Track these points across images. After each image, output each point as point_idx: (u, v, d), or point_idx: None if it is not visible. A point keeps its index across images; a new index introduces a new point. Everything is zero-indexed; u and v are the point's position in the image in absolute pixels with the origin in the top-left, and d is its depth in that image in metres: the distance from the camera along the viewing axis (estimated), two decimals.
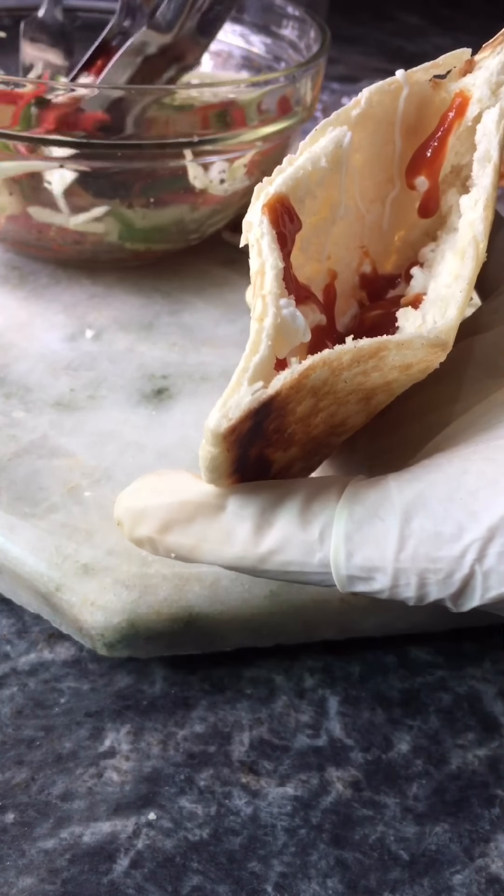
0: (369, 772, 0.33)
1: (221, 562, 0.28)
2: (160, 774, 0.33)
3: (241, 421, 0.25)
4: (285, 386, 0.25)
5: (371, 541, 0.27)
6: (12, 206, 0.48)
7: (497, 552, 0.26)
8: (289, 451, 0.29)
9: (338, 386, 0.27)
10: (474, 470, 0.28)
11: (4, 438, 0.40)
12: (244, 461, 0.27)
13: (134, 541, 0.29)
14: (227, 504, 0.28)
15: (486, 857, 0.31)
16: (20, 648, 0.37)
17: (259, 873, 0.30)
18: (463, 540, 0.27)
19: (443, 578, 0.27)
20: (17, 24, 0.56)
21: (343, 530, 0.27)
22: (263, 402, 0.25)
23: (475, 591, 0.27)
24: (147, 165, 0.46)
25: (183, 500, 0.28)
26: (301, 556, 0.28)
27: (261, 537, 0.28)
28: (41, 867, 0.30)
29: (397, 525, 0.27)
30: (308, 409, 0.28)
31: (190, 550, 0.28)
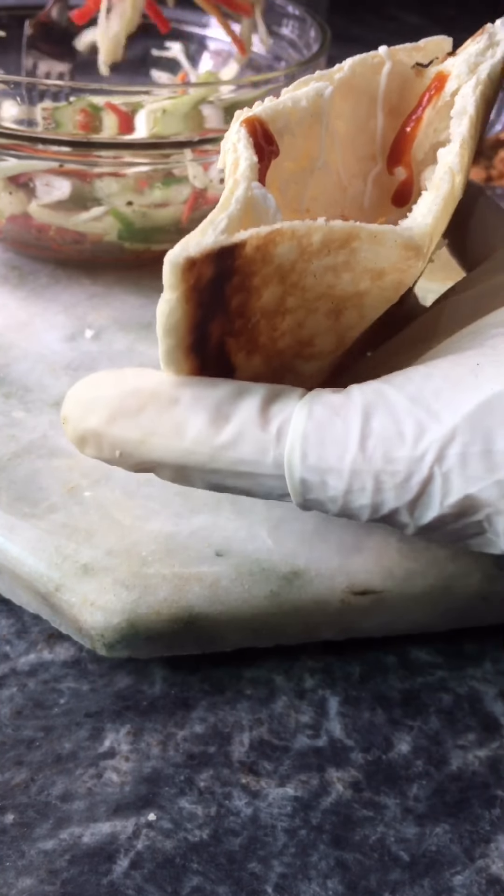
0: (369, 772, 0.33)
1: (170, 457, 0.26)
2: (160, 775, 0.33)
3: (202, 260, 0.24)
4: (251, 242, 0.25)
5: (329, 440, 0.26)
6: (12, 206, 0.48)
7: (458, 453, 0.25)
8: (252, 360, 0.28)
9: (307, 280, 0.27)
10: (439, 374, 0.27)
11: (4, 438, 0.40)
12: (203, 341, 0.26)
13: (78, 437, 0.28)
14: (182, 395, 0.26)
15: (486, 858, 0.31)
16: (20, 649, 0.36)
17: (259, 874, 0.30)
18: (423, 441, 0.25)
19: (400, 482, 0.26)
20: (17, 24, 0.56)
21: (301, 428, 0.26)
22: (227, 247, 0.24)
23: (434, 497, 0.26)
24: (147, 165, 0.46)
25: (135, 387, 0.27)
26: (255, 453, 0.26)
27: (215, 431, 0.26)
28: (41, 868, 0.30)
29: (357, 424, 0.26)
30: (275, 299, 0.27)
31: (137, 444, 0.27)
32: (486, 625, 0.38)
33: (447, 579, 0.36)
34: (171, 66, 0.61)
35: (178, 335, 0.26)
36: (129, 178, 0.47)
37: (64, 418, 0.28)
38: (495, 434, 0.25)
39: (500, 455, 0.25)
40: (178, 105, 0.45)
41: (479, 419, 0.25)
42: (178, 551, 0.35)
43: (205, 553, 0.35)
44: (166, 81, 0.61)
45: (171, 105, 0.45)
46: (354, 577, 0.35)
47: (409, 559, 0.36)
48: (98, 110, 0.45)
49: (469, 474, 0.25)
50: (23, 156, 0.45)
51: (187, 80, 0.60)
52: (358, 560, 0.36)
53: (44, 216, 0.48)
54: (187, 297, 0.25)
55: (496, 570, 0.36)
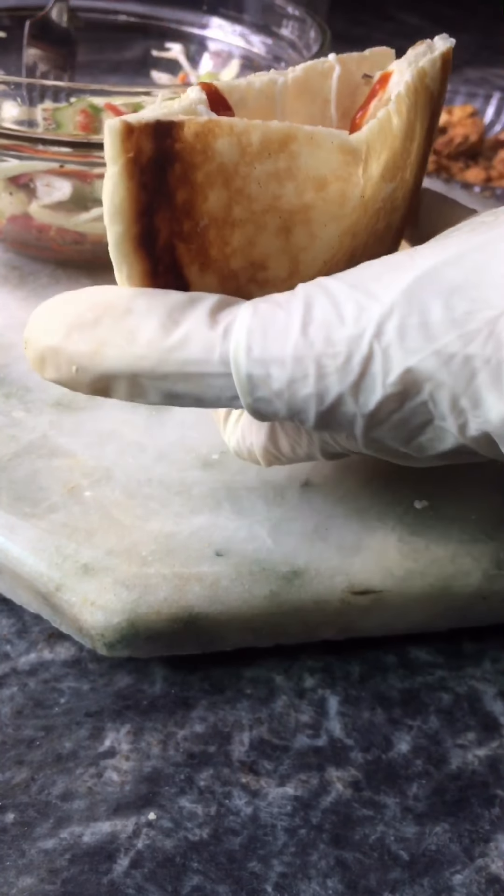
0: (369, 772, 0.33)
1: (121, 365, 0.27)
2: (160, 774, 0.33)
3: (141, 130, 0.25)
4: (190, 126, 0.26)
5: (271, 331, 0.26)
6: (13, 206, 0.48)
7: (396, 326, 0.26)
8: (206, 277, 0.29)
9: (251, 188, 0.27)
10: (378, 263, 0.27)
11: (4, 438, 0.40)
12: (151, 236, 0.27)
13: (38, 357, 0.29)
14: (136, 305, 0.27)
15: (486, 857, 0.31)
16: (20, 648, 0.37)
17: (259, 873, 0.30)
18: (362, 319, 0.26)
19: (342, 363, 0.26)
20: (17, 24, 0.56)
21: (246, 324, 0.27)
22: (164, 122, 0.25)
23: (376, 377, 0.26)
24: None
25: (91, 302, 0.28)
26: (202, 352, 0.27)
27: (164, 334, 0.27)
28: (41, 867, 0.30)
29: (299, 313, 0.26)
30: (221, 205, 0.27)
31: (91, 356, 0.27)
32: (485, 625, 0.38)
33: (447, 579, 0.36)
34: (172, 67, 0.62)
35: (125, 219, 0.26)
36: None
37: (25, 342, 0.29)
38: (430, 305, 0.26)
39: (436, 326, 0.26)
40: None
41: (415, 293, 0.26)
42: (178, 551, 0.36)
43: (205, 553, 0.35)
44: (166, 82, 0.61)
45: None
46: (354, 576, 0.35)
47: (408, 559, 0.36)
48: (98, 111, 0.45)
49: (408, 346, 0.26)
50: (23, 156, 0.45)
51: (188, 81, 0.60)
52: (358, 560, 0.36)
53: (44, 217, 0.48)
54: (129, 173, 0.25)
55: (495, 570, 0.36)
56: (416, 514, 0.38)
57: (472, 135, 0.71)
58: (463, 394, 0.26)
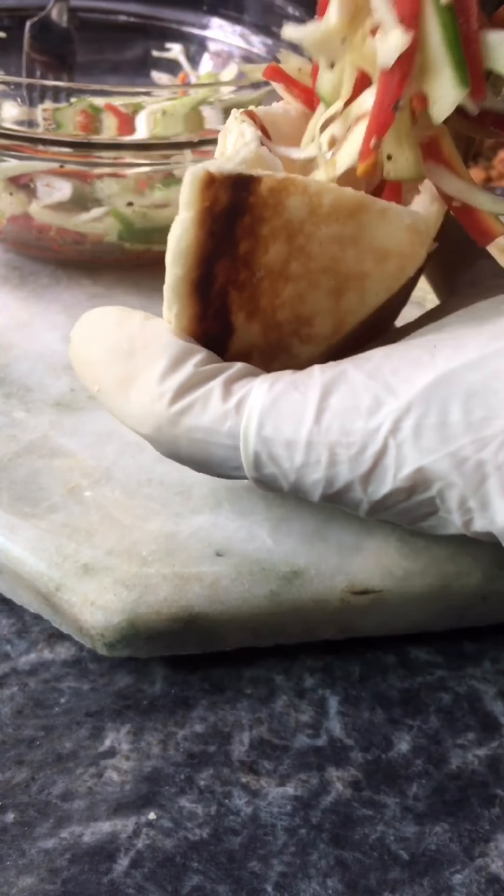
0: (369, 771, 0.33)
1: (136, 408, 0.28)
2: (160, 774, 0.33)
3: (221, 182, 0.25)
4: (267, 182, 0.26)
5: (286, 413, 0.27)
6: (13, 206, 0.48)
7: (412, 425, 0.26)
8: (251, 325, 0.29)
9: (312, 247, 0.27)
10: (397, 354, 0.27)
11: (4, 438, 0.40)
12: (208, 282, 0.27)
13: (72, 356, 0.30)
14: (168, 354, 0.28)
15: (485, 857, 0.31)
16: (20, 648, 0.37)
17: (259, 873, 0.30)
18: (379, 413, 0.26)
19: (355, 454, 0.26)
20: (17, 24, 0.56)
21: (260, 401, 0.27)
22: (245, 177, 0.26)
23: (388, 470, 0.26)
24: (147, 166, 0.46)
25: (132, 333, 0.28)
26: (211, 421, 0.27)
27: (181, 396, 0.27)
28: (41, 867, 0.30)
29: (315, 398, 0.27)
30: (280, 258, 0.27)
31: (113, 386, 0.28)
32: (485, 624, 0.38)
33: (447, 579, 0.36)
34: (172, 67, 0.62)
35: (187, 263, 0.27)
36: (129, 178, 0.47)
37: (71, 337, 0.30)
38: (449, 407, 0.26)
39: (453, 427, 0.26)
40: (178, 106, 0.45)
41: (434, 393, 0.26)
42: (178, 551, 0.36)
43: (205, 553, 0.35)
44: (167, 83, 0.61)
45: (172, 106, 0.45)
46: (354, 576, 0.35)
47: (408, 559, 0.36)
48: (98, 111, 0.45)
49: (423, 445, 0.26)
50: (23, 156, 0.45)
51: (188, 81, 0.60)
52: (357, 560, 0.36)
53: (44, 217, 0.48)
54: (201, 221, 0.26)
55: (496, 570, 0.36)
56: None
57: None
58: (472, 496, 0.26)
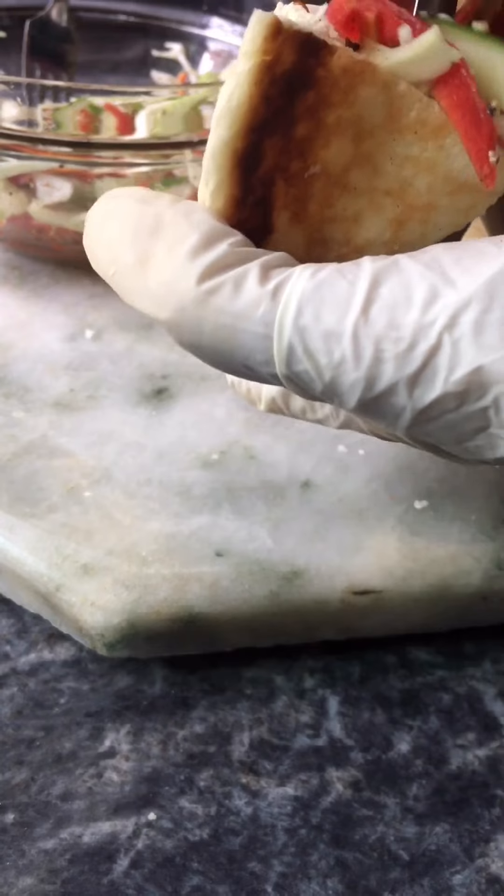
0: (369, 772, 0.33)
1: (156, 289, 0.25)
2: (160, 774, 0.33)
3: (288, 37, 0.22)
4: (342, 56, 0.23)
5: (329, 300, 0.23)
6: (13, 206, 0.48)
7: (472, 320, 0.23)
8: (293, 230, 0.26)
9: (382, 160, 0.24)
10: (460, 247, 0.24)
11: (4, 438, 0.40)
12: (255, 161, 0.24)
13: (86, 244, 0.26)
14: (200, 231, 0.25)
15: (486, 858, 0.31)
16: (20, 648, 0.36)
17: (259, 873, 0.30)
18: (435, 306, 0.23)
19: (404, 350, 0.23)
20: (17, 24, 0.56)
21: (300, 287, 0.24)
22: (317, 40, 0.22)
23: (439, 370, 0.23)
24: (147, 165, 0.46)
25: (159, 208, 0.25)
26: (244, 304, 0.24)
27: (210, 275, 0.24)
28: (41, 867, 0.30)
29: (364, 287, 0.23)
30: (342, 159, 0.24)
31: (132, 267, 0.25)
32: (485, 625, 0.38)
33: (447, 579, 0.36)
34: (172, 66, 0.62)
35: (235, 126, 0.24)
36: (129, 178, 0.47)
37: (87, 219, 0.27)
38: None
39: None
40: (178, 106, 0.45)
41: (499, 286, 0.23)
42: (178, 551, 0.35)
43: (205, 553, 0.35)
44: (166, 82, 0.61)
45: (172, 106, 0.45)
46: (354, 576, 0.35)
47: (408, 559, 0.36)
48: (98, 111, 0.45)
49: (483, 343, 0.23)
50: (23, 156, 0.45)
51: (187, 80, 0.60)
52: (358, 560, 0.36)
53: (44, 217, 0.48)
54: (258, 78, 0.23)
55: (496, 570, 0.36)
56: (416, 514, 0.38)
57: None
58: None
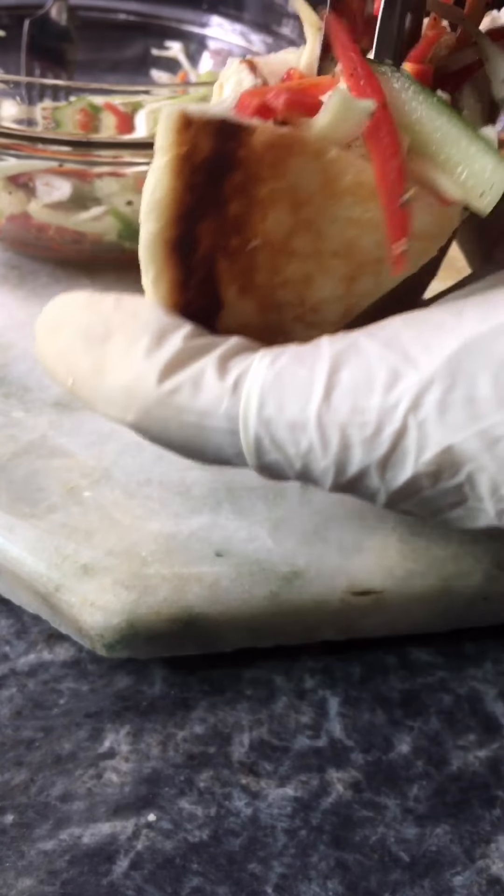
0: (370, 773, 0.33)
1: (117, 395, 0.24)
2: (160, 775, 0.33)
3: (200, 127, 0.22)
4: (262, 132, 0.22)
5: (290, 391, 0.23)
6: (12, 205, 0.48)
7: (436, 400, 0.22)
8: (244, 302, 0.25)
9: (324, 224, 0.24)
10: (418, 319, 0.24)
11: (3, 438, 0.40)
12: (190, 244, 0.23)
13: (41, 353, 0.26)
14: (149, 330, 0.24)
15: (486, 859, 0.31)
16: (19, 649, 0.36)
17: (259, 875, 0.30)
18: (397, 388, 0.23)
19: (370, 435, 0.23)
20: (17, 23, 0.56)
21: (260, 378, 0.23)
22: (231, 123, 0.22)
23: (408, 453, 0.23)
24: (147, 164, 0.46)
25: (106, 314, 0.25)
26: (206, 401, 0.23)
27: (168, 374, 0.24)
28: (40, 868, 0.30)
29: (324, 373, 0.23)
30: (283, 229, 0.24)
31: (90, 375, 0.25)
32: (486, 625, 0.38)
33: (447, 579, 0.36)
34: (172, 65, 0.61)
35: (162, 218, 0.23)
36: (128, 177, 0.47)
37: (36, 331, 0.26)
38: (478, 379, 0.22)
39: (482, 402, 0.22)
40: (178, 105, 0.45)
41: (460, 363, 0.23)
42: (178, 551, 0.35)
43: (205, 553, 0.35)
44: (166, 81, 0.61)
45: (171, 105, 0.45)
46: (354, 577, 0.35)
47: (409, 559, 0.36)
48: (98, 110, 0.45)
49: (449, 423, 0.23)
50: (23, 155, 0.45)
51: (187, 79, 0.60)
52: (358, 560, 0.36)
53: (43, 216, 0.48)
54: (177, 169, 0.22)
55: (496, 570, 0.36)
56: None
57: None
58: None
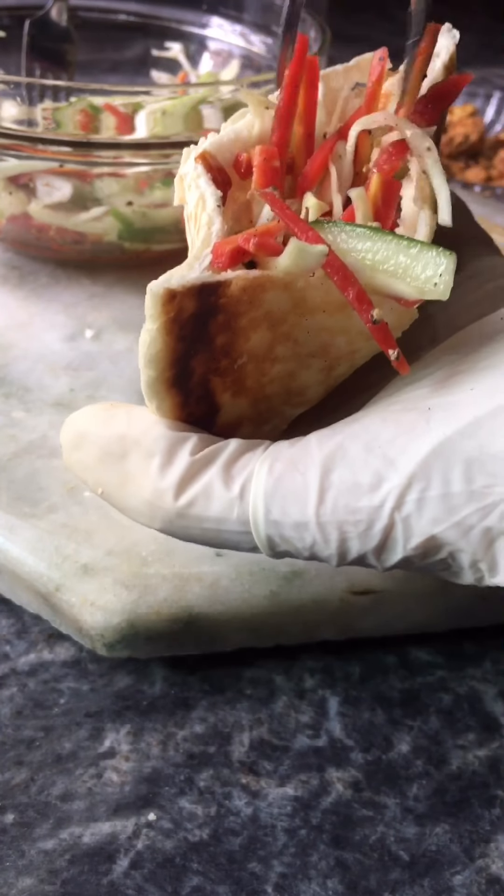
0: (369, 772, 0.33)
1: (142, 507, 0.28)
2: (160, 775, 0.33)
3: (184, 294, 0.25)
4: (237, 283, 0.25)
5: (290, 495, 0.27)
6: (13, 206, 0.48)
7: (415, 499, 0.26)
8: (238, 401, 0.29)
9: (299, 334, 0.27)
10: (392, 419, 0.27)
11: (4, 438, 0.40)
12: (186, 376, 0.27)
13: (70, 466, 0.29)
14: (158, 448, 0.28)
15: (486, 858, 0.31)
16: (20, 649, 0.36)
17: (259, 874, 0.30)
18: (382, 489, 0.26)
19: (363, 531, 0.26)
20: (17, 23, 0.56)
21: (262, 486, 0.27)
22: (210, 284, 0.25)
23: (397, 543, 0.27)
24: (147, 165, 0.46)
25: (121, 433, 0.28)
26: (219, 511, 0.27)
27: (183, 489, 0.27)
28: (41, 868, 0.30)
29: (317, 478, 0.27)
30: (264, 344, 0.27)
31: (117, 488, 0.28)
32: (486, 625, 0.38)
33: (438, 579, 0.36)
34: (172, 66, 0.62)
35: (159, 367, 0.26)
36: (129, 178, 0.47)
37: (61, 444, 0.30)
38: (450, 477, 0.26)
39: (456, 497, 0.26)
40: (178, 105, 0.45)
41: (433, 464, 0.26)
42: (178, 551, 0.35)
43: (205, 553, 0.35)
44: (166, 82, 0.61)
45: (171, 105, 0.45)
46: (354, 576, 0.35)
47: None
48: (98, 111, 0.45)
49: (429, 517, 0.26)
50: (23, 156, 0.45)
51: (187, 80, 0.60)
52: None
53: (44, 216, 0.48)
54: (167, 329, 0.25)
55: None
56: None
57: (472, 134, 0.71)
58: (482, 559, 0.27)
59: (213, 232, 0.27)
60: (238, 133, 0.31)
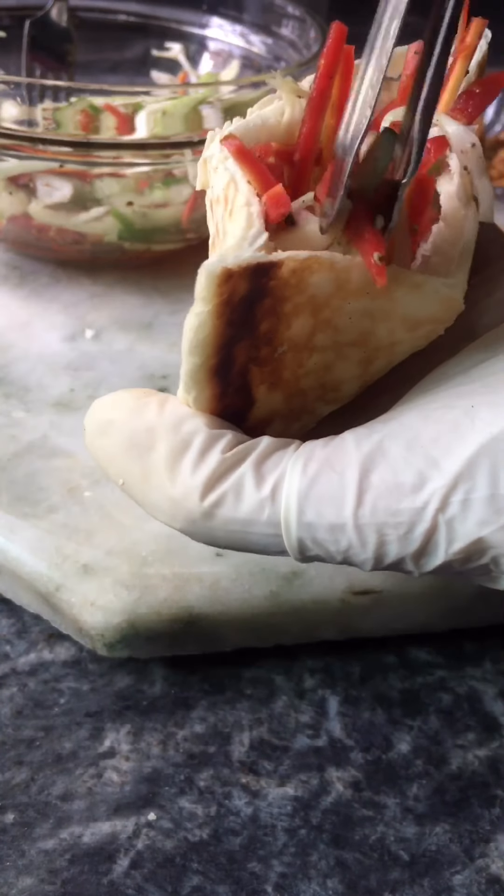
0: (369, 772, 0.33)
1: (165, 504, 0.26)
2: (160, 775, 0.33)
3: (239, 274, 0.24)
4: (289, 263, 0.24)
5: (326, 496, 0.25)
6: (13, 206, 0.48)
7: (461, 500, 0.25)
8: (273, 395, 0.28)
9: (340, 320, 0.26)
10: (435, 417, 0.26)
11: (4, 438, 0.40)
12: (228, 365, 0.26)
13: (92, 453, 0.28)
14: (192, 441, 0.26)
15: (486, 858, 0.31)
16: (20, 648, 0.36)
17: (259, 874, 0.30)
18: (425, 490, 0.25)
19: (404, 534, 0.25)
20: (17, 24, 0.56)
21: (296, 486, 0.25)
22: (264, 264, 0.24)
23: (439, 547, 0.25)
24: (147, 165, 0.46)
25: (151, 424, 0.27)
26: (248, 512, 0.26)
27: (211, 487, 0.26)
28: (41, 867, 0.30)
29: (355, 478, 0.25)
30: (305, 332, 0.26)
31: (139, 481, 0.27)
32: (485, 625, 0.38)
33: (447, 579, 0.36)
34: (172, 66, 0.62)
35: (205, 353, 0.25)
36: (129, 178, 0.47)
37: (84, 428, 0.28)
38: (498, 477, 0.25)
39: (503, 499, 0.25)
40: (178, 106, 0.45)
41: (479, 464, 0.25)
42: (178, 551, 0.35)
43: (205, 553, 0.35)
44: (166, 82, 0.61)
45: (172, 106, 0.45)
46: (354, 576, 0.35)
47: None
48: (98, 111, 0.45)
49: (475, 519, 0.25)
50: (23, 156, 0.45)
51: (187, 80, 0.60)
52: None
53: (44, 217, 0.48)
54: (219, 313, 0.25)
55: None
56: None
57: None
58: None
59: (253, 213, 0.26)
60: (265, 119, 0.30)
